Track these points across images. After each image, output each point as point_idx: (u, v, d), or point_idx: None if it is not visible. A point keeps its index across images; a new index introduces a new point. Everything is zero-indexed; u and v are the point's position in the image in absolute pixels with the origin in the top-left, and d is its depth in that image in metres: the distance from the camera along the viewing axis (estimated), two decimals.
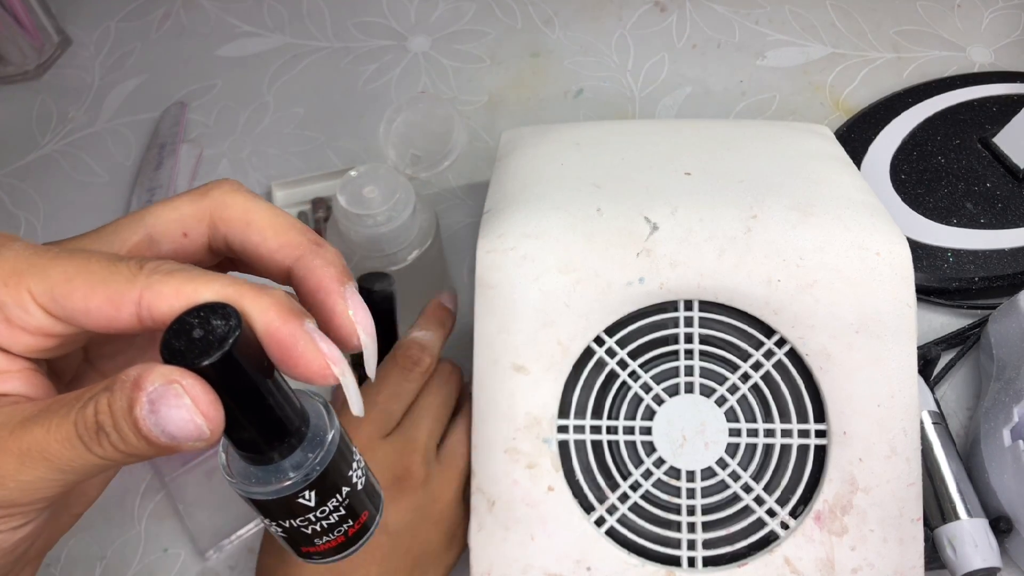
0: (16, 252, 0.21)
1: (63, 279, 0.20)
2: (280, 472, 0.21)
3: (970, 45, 0.66)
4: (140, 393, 0.18)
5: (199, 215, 0.23)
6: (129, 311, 0.20)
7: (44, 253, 0.21)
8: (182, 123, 0.64)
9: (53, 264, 0.20)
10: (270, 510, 0.22)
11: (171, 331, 0.19)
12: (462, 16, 0.70)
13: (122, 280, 0.20)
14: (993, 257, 0.52)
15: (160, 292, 0.20)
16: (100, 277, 0.20)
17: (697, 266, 0.37)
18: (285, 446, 0.21)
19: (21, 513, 0.20)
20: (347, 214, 0.41)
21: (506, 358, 0.37)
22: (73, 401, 0.19)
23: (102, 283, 0.20)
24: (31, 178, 0.62)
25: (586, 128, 0.47)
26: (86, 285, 0.20)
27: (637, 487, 0.37)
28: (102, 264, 0.20)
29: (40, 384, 0.22)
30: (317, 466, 0.21)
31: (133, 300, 0.20)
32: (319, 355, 0.20)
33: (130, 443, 0.19)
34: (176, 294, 0.20)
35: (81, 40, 0.71)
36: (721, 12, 0.69)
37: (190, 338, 0.19)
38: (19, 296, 0.20)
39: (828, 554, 0.35)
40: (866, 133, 0.59)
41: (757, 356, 0.37)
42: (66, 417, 0.19)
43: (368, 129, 0.63)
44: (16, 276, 0.20)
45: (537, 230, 0.38)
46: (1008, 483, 0.41)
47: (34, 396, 0.21)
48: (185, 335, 0.19)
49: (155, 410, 0.18)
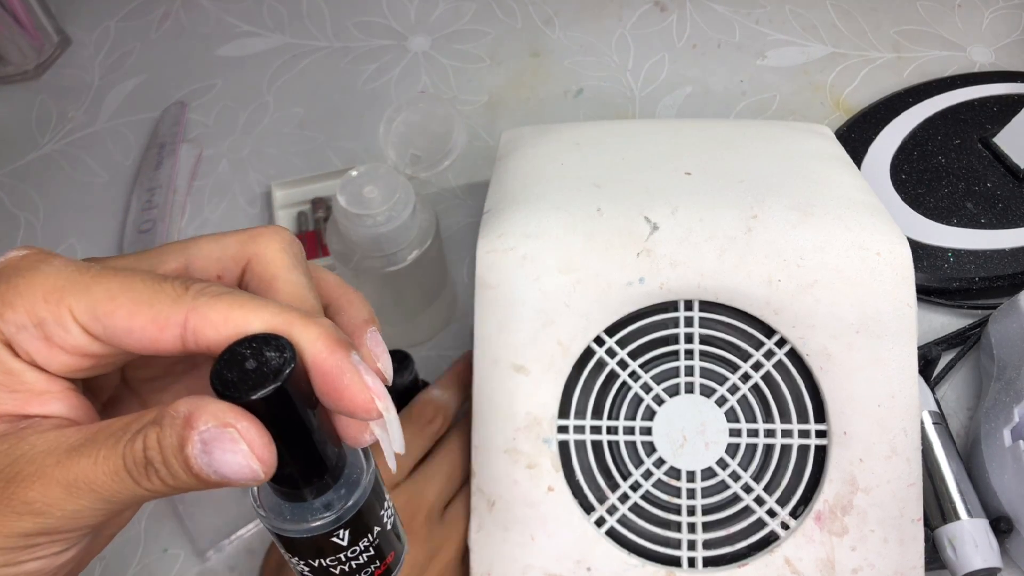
0: (57, 269, 0.20)
1: (106, 297, 0.20)
2: (314, 510, 0.20)
3: (970, 45, 0.66)
4: (191, 432, 0.18)
5: (239, 259, 0.23)
6: (173, 333, 0.20)
7: (86, 271, 0.20)
8: (182, 123, 0.64)
9: (96, 282, 0.20)
10: (299, 548, 0.21)
11: (222, 361, 0.19)
12: (462, 16, 0.70)
13: (167, 301, 0.20)
14: (993, 257, 0.51)
15: (207, 316, 0.19)
16: (144, 296, 0.20)
17: (697, 266, 0.37)
18: (323, 483, 0.21)
19: (64, 540, 0.20)
20: (347, 214, 0.41)
21: (506, 358, 0.37)
22: (120, 432, 0.19)
23: (146, 303, 0.20)
24: (31, 178, 0.62)
25: (586, 128, 0.47)
26: (130, 304, 0.20)
27: (637, 487, 0.37)
28: (146, 283, 0.20)
29: (80, 405, 0.21)
30: (352, 506, 0.21)
31: (178, 322, 0.20)
32: (365, 388, 0.20)
33: (179, 479, 0.19)
34: (224, 320, 0.19)
35: (81, 40, 0.71)
36: (721, 12, 0.69)
37: (243, 369, 0.18)
38: (59, 313, 0.20)
39: (828, 554, 0.35)
40: (866, 133, 0.59)
41: (757, 356, 0.37)
42: (114, 449, 0.19)
43: (368, 129, 0.63)
44: (57, 293, 0.20)
45: (537, 230, 0.38)
46: (1008, 483, 0.41)
47: (74, 418, 0.21)
48: (237, 365, 0.18)
49: (208, 451, 0.18)
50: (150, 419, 0.19)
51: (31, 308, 0.20)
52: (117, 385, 0.25)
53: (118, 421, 0.19)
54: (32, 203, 0.61)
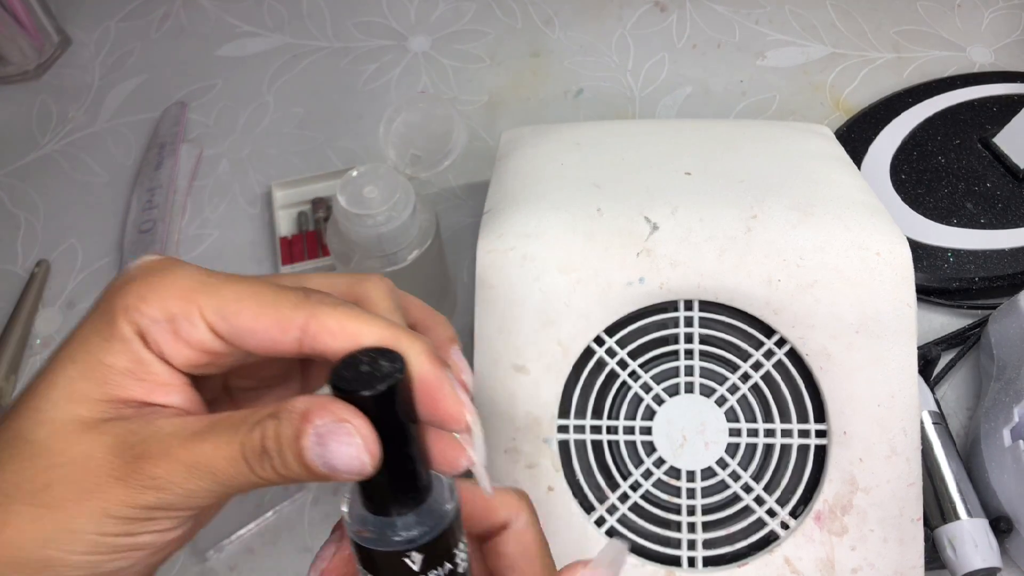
0: (189, 272, 0.22)
1: (234, 298, 0.22)
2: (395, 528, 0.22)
3: (970, 45, 0.66)
4: (308, 425, 0.20)
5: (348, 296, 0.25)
6: (293, 336, 0.21)
7: (215, 275, 0.22)
8: (182, 123, 0.64)
9: (225, 284, 0.22)
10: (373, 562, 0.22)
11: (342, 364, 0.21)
12: (462, 16, 0.70)
13: (290, 306, 0.22)
14: (993, 257, 0.52)
15: (325, 323, 0.21)
16: (269, 300, 0.22)
17: (697, 266, 0.37)
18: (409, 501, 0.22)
19: (177, 517, 0.22)
20: (347, 214, 0.41)
21: (506, 358, 0.37)
22: (239, 423, 0.21)
23: (271, 306, 0.22)
24: (31, 178, 0.62)
25: (586, 128, 0.47)
26: (256, 306, 0.21)
27: (637, 487, 0.37)
28: (271, 289, 0.22)
29: (194, 400, 0.23)
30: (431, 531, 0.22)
31: (299, 326, 0.21)
32: (459, 402, 0.22)
33: (291, 469, 0.21)
34: (341, 328, 0.21)
35: (81, 40, 0.71)
36: (721, 12, 0.69)
37: (358, 371, 0.20)
38: (190, 311, 0.21)
39: (828, 554, 0.35)
40: (866, 133, 0.59)
41: (757, 356, 0.37)
42: (234, 437, 0.21)
43: (368, 129, 0.63)
44: (189, 292, 0.21)
45: (537, 230, 0.38)
46: (1008, 483, 0.41)
47: (190, 410, 0.22)
48: (354, 368, 0.21)
49: (322, 443, 0.20)
50: (268, 413, 0.21)
51: (164, 304, 0.21)
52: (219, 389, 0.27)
53: (237, 414, 0.21)
54: (32, 203, 0.61)
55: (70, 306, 0.56)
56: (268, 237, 0.58)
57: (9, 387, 0.52)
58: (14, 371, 0.52)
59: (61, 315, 0.55)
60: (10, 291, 0.56)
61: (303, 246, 0.56)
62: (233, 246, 0.58)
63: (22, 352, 0.53)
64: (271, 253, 0.57)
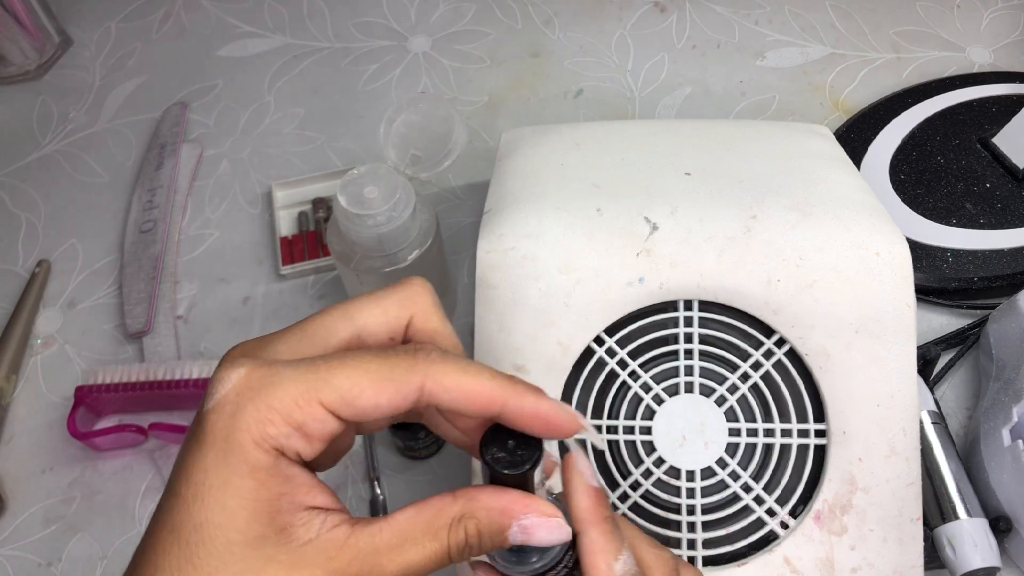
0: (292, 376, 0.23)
1: (349, 384, 0.23)
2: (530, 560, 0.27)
3: (969, 45, 0.66)
4: (511, 521, 0.24)
5: (402, 319, 0.26)
6: (412, 398, 0.23)
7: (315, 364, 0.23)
8: (183, 123, 0.64)
9: (333, 373, 0.23)
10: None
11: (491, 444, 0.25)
12: (462, 16, 0.70)
13: (404, 373, 0.23)
14: (992, 257, 0.52)
15: (441, 383, 0.24)
16: (384, 373, 0.23)
17: (697, 266, 0.37)
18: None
19: None
20: (347, 214, 0.41)
21: (506, 358, 0.37)
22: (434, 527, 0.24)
23: (388, 380, 0.23)
24: (32, 178, 0.62)
25: (586, 128, 0.47)
26: (373, 384, 0.23)
27: (637, 487, 0.37)
28: (379, 361, 0.23)
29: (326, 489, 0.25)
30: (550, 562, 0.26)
31: (416, 388, 0.23)
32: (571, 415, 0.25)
33: (487, 550, 0.25)
34: (456, 386, 0.24)
35: (82, 40, 0.71)
36: (721, 12, 0.69)
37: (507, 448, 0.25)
38: (314, 413, 0.23)
39: (828, 553, 0.35)
40: (866, 133, 0.59)
41: (757, 356, 0.37)
42: (438, 540, 0.24)
43: (368, 129, 0.63)
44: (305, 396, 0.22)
45: (537, 230, 0.38)
46: (1007, 483, 0.41)
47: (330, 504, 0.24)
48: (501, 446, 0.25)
49: (529, 532, 0.24)
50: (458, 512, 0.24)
51: (289, 418, 0.22)
52: None
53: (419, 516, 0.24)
54: (33, 203, 0.61)
55: (71, 306, 0.56)
56: (268, 237, 0.58)
57: (9, 387, 0.52)
58: (15, 371, 0.52)
59: (62, 315, 0.55)
60: (11, 291, 0.56)
61: (303, 246, 0.56)
62: (233, 246, 0.58)
63: (23, 352, 0.53)
64: (271, 253, 0.57)
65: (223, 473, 0.22)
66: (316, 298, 0.55)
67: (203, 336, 0.54)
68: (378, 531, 0.23)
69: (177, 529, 0.22)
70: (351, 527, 0.23)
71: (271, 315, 0.54)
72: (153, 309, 0.54)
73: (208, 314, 0.55)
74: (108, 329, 0.54)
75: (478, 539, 0.24)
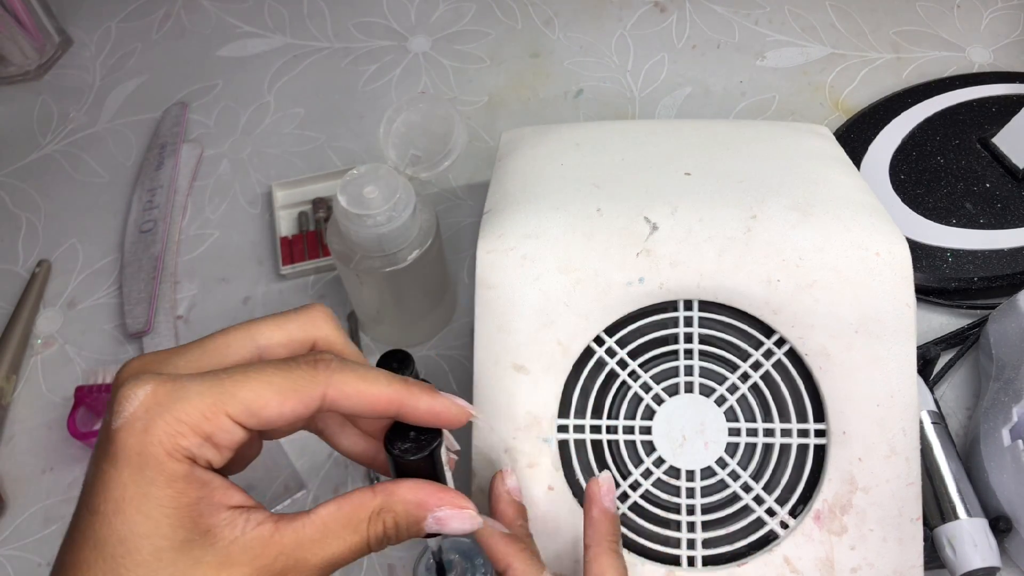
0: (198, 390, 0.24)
1: (254, 397, 0.24)
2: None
3: (969, 45, 0.66)
4: (426, 512, 0.26)
5: (305, 342, 0.28)
6: (315, 406, 0.25)
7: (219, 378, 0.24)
8: (183, 123, 0.64)
9: (238, 386, 0.24)
10: None
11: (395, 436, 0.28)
12: (462, 16, 0.70)
13: (306, 382, 0.25)
14: (992, 257, 0.52)
15: (341, 390, 0.25)
16: (287, 385, 0.25)
17: (697, 266, 0.37)
18: None
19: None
20: (347, 214, 0.41)
21: (506, 358, 0.37)
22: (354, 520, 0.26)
23: (291, 391, 0.25)
24: (32, 178, 0.62)
25: (586, 128, 0.47)
26: (277, 396, 0.24)
27: (637, 486, 0.37)
28: (282, 374, 0.25)
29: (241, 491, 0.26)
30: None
31: (318, 397, 0.25)
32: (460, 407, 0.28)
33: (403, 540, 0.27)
34: (357, 392, 0.26)
35: (82, 40, 0.71)
36: (721, 13, 0.69)
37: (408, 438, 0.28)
38: (221, 424, 0.24)
39: (827, 553, 0.35)
40: (866, 133, 0.59)
41: (756, 356, 0.37)
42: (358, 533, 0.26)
43: (368, 129, 0.63)
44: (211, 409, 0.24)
45: (537, 230, 0.38)
46: (1007, 483, 0.41)
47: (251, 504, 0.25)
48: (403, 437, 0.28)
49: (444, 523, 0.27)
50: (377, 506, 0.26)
51: (198, 429, 0.23)
52: None
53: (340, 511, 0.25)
54: (34, 203, 0.61)
55: (71, 306, 0.56)
56: (269, 237, 0.58)
57: (9, 387, 0.52)
58: (15, 371, 0.52)
59: (62, 315, 0.55)
60: (11, 291, 0.56)
61: (303, 246, 0.56)
62: (234, 246, 0.58)
63: (23, 352, 0.53)
64: (271, 253, 0.57)
65: (141, 486, 0.23)
66: (316, 298, 0.55)
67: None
68: (301, 526, 0.25)
69: (101, 545, 0.23)
70: (275, 524, 0.25)
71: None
72: (153, 309, 0.54)
73: (208, 314, 0.55)
74: (108, 329, 0.55)
75: (396, 530, 0.26)
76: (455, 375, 0.51)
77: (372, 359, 0.51)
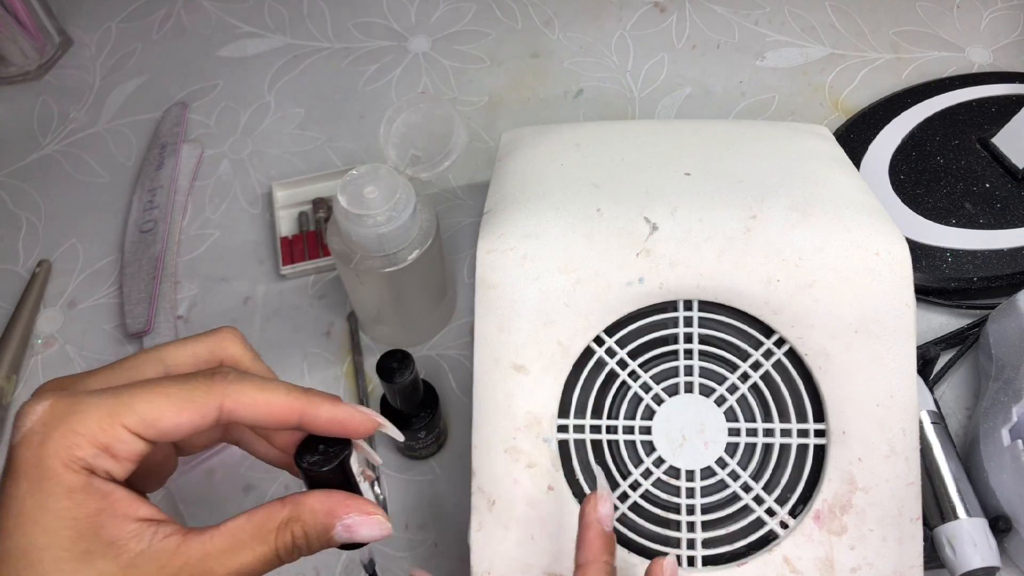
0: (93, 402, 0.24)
1: (149, 408, 0.24)
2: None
3: (969, 46, 0.66)
4: (335, 521, 0.26)
5: (212, 361, 0.28)
6: (212, 417, 0.25)
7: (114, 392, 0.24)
8: (183, 123, 0.64)
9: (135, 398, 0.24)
10: None
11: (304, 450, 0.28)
12: (462, 17, 0.70)
13: (202, 393, 0.25)
14: (992, 257, 0.52)
15: (239, 400, 0.26)
16: (183, 396, 0.25)
17: (697, 266, 0.37)
18: None
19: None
20: (347, 214, 0.41)
21: (506, 358, 0.37)
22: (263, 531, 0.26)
23: (187, 401, 0.25)
24: (32, 178, 0.62)
25: (586, 128, 0.47)
26: (173, 407, 0.25)
27: (637, 486, 0.37)
28: (178, 386, 0.25)
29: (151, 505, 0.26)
30: None
31: (215, 407, 0.25)
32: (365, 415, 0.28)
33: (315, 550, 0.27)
34: (253, 402, 0.26)
35: (82, 40, 0.71)
36: (720, 13, 0.69)
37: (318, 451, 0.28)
38: (118, 435, 0.24)
39: (827, 553, 0.35)
40: (865, 133, 0.59)
41: (756, 356, 0.37)
42: (266, 543, 0.26)
43: (368, 129, 0.63)
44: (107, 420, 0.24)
45: (537, 230, 0.38)
46: (1007, 483, 0.41)
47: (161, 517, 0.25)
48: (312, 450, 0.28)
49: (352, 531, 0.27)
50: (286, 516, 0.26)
51: (94, 439, 0.24)
52: None
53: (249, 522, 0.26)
54: (34, 203, 0.61)
55: (71, 306, 0.56)
56: (269, 237, 0.58)
57: (10, 387, 0.52)
58: (15, 371, 0.52)
59: (62, 315, 0.55)
60: (12, 291, 0.56)
61: (304, 246, 0.56)
62: (234, 246, 0.58)
63: (23, 352, 0.54)
64: (272, 253, 0.57)
65: (39, 498, 0.23)
66: (316, 298, 0.55)
67: None
68: (209, 538, 0.25)
69: (4, 559, 0.23)
70: (183, 536, 0.25)
71: (271, 315, 0.54)
72: (153, 309, 0.54)
73: (208, 314, 0.55)
74: (108, 329, 0.55)
75: (305, 540, 0.26)
76: (455, 375, 0.51)
77: (372, 359, 0.52)
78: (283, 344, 0.53)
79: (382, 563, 0.45)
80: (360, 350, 0.52)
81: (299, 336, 0.53)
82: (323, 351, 0.52)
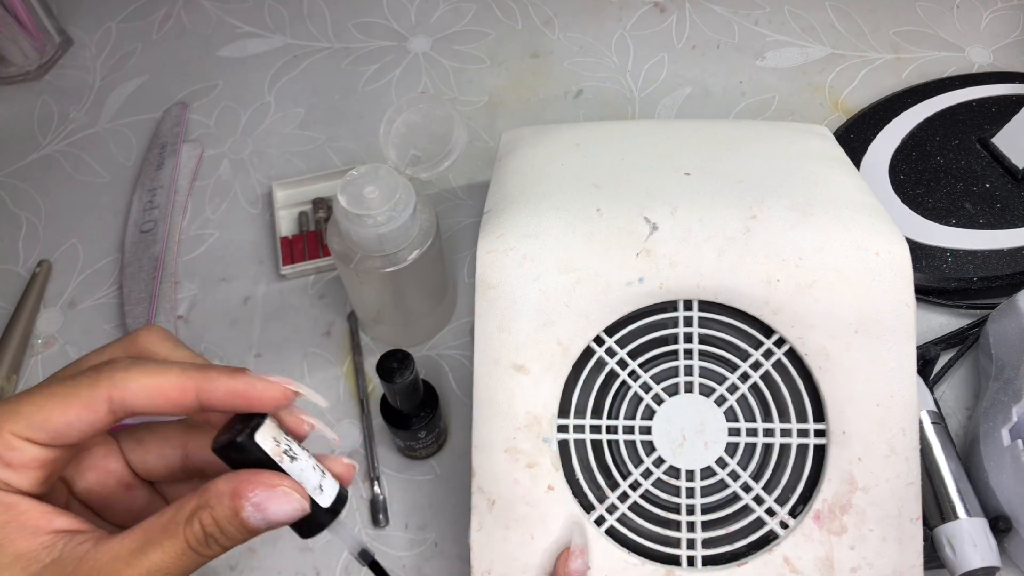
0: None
1: (35, 409, 0.24)
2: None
3: (969, 46, 0.66)
4: (242, 501, 0.24)
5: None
6: (104, 410, 0.24)
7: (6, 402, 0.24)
8: (183, 123, 0.64)
9: (20, 401, 0.24)
10: None
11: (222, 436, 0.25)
12: (462, 17, 0.70)
13: (87, 388, 0.24)
14: (992, 257, 0.52)
15: (126, 388, 0.24)
16: (67, 394, 0.24)
17: (696, 266, 0.37)
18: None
19: None
20: (347, 214, 0.41)
21: (506, 358, 0.37)
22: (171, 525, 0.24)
23: (73, 398, 0.24)
24: (32, 178, 0.62)
25: (586, 128, 0.47)
26: (60, 406, 0.24)
27: (637, 486, 0.37)
28: (62, 382, 0.24)
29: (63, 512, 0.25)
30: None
31: (104, 400, 0.24)
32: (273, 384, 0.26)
33: (234, 538, 0.24)
34: (142, 387, 0.24)
35: (82, 40, 0.71)
36: (720, 13, 0.69)
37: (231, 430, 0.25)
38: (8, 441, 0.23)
39: (827, 553, 0.35)
40: (865, 133, 0.59)
41: (756, 356, 0.37)
42: (175, 538, 0.24)
43: (368, 129, 0.63)
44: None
45: (537, 230, 0.38)
46: (1007, 483, 0.41)
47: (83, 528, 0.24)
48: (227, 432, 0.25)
49: (263, 509, 0.24)
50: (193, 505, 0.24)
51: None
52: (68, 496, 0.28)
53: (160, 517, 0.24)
54: (34, 203, 0.61)
55: (71, 306, 0.56)
56: (269, 237, 0.58)
57: (10, 387, 0.52)
58: (15, 371, 0.52)
59: (62, 315, 0.55)
60: (12, 291, 0.56)
61: (304, 246, 0.56)
62: (234, 246, 0.58)
63: (23, 352, 0.54)
64: (272, 253, 0.57)
65: None
66: (316, 298, 0.55)
67: (203, 336, 0.54)
68: (119, 540, 0.24)
69: None
70: (95, 542, 0.24)
71: (271, 315, 0.54)
72: (153, 309, 0.54)
73: (208, 314, 0.55)
74: (108, 329, 0.55)
75: (216, 527, 0.24)
76: (455, 375, 0.51)
77: (372, 359, 0.52)
78: (283, 344, 0.53)
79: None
80: (360, 350, 0.52)
81: (299, 336, 0.53)
82: (323, 351, 0.52)
